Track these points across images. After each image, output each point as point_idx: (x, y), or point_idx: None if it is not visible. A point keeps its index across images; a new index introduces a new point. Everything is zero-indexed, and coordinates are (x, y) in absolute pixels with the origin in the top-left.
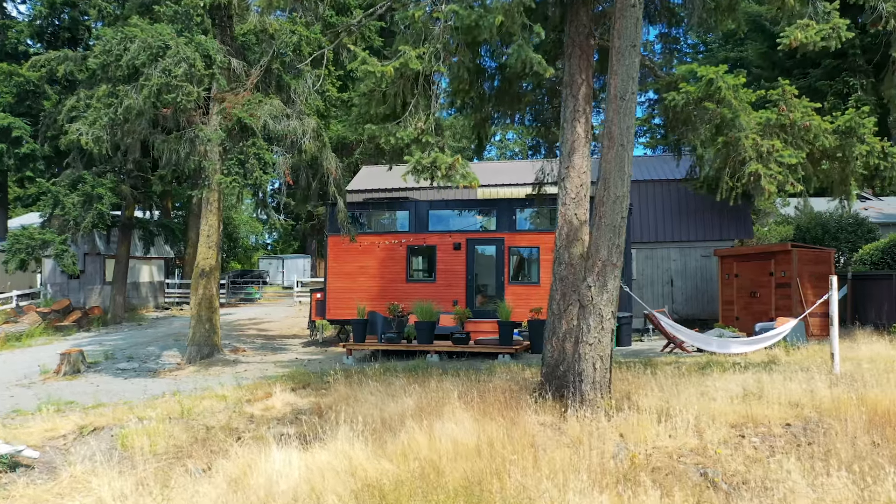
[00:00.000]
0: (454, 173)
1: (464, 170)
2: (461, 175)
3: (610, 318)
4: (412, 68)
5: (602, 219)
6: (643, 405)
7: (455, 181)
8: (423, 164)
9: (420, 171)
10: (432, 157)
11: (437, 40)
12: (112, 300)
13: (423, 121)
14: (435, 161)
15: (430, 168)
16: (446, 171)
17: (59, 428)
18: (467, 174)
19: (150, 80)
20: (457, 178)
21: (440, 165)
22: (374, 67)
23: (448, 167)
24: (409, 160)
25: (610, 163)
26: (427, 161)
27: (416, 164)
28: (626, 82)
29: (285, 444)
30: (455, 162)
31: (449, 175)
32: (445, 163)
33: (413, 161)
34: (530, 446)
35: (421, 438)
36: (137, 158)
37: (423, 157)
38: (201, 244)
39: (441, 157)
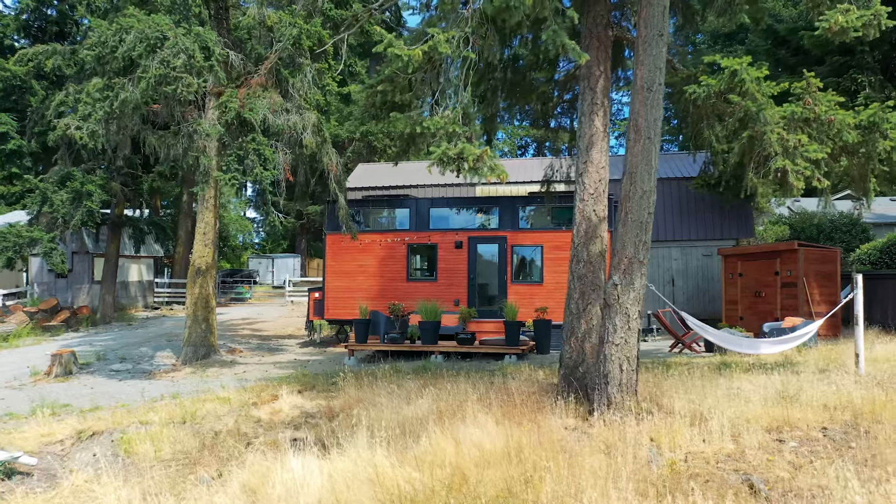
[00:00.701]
0: (482, 165)
1: (492, 161)
2: (489, 167)
3: (637, 317)
4: (441, 52)
5: (628, 214)
6: (672, 408)
7: (482, 174)
8: (450, 155)
9: (446, 162)
10: (459, 148)
11: (467, 24)
12: (101, 300)
13: (450, 109)
14: (462, 152)
15: (456, 159)
16: (474, 162)
17: (56, 432)
18: (495, 166)
19: (148, 72)
20: (484, 170)
21: (468, 156)
22: (400, 51)
23: (476, 158)
24: (434, 150)
25: (636, 156)
26: (454, 152)
27: (441, 154)
28: (652, 73)
29: (300, 450)
30: (484, 153)
31: (476, 167)
32: (473, 154)
33: (439, 152)
34: (559, 451)
35: (445, 444)
36: (128, 155)
37: (450, 148)
38: (197, 242)
39: (468, 147)
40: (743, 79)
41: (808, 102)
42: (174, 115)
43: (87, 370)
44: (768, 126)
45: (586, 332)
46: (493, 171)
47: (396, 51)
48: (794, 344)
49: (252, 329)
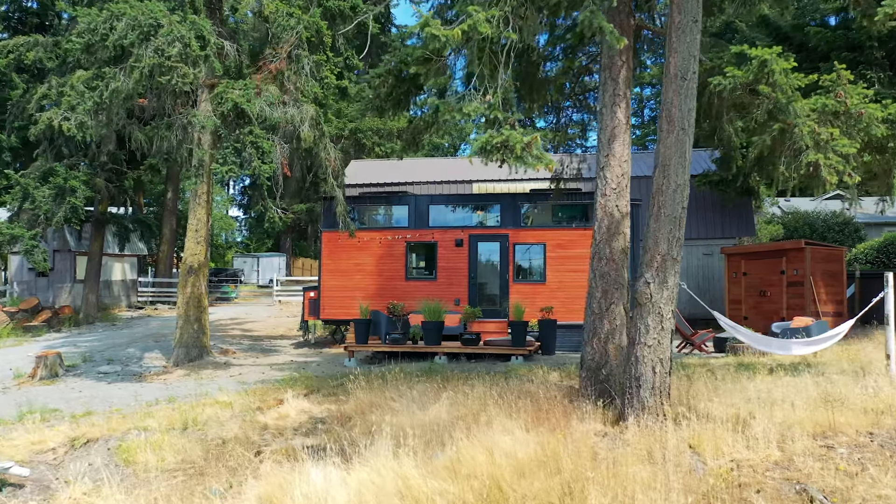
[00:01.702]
0: (527, 154)
1: (538, 150)
2: (536, 156)
3: (670, 317)
4: (481, 32)
5: (661, 209)
6: (708, 412)
7: (529, 164)
8: (494, 144)
9: (489, 151)
10: (504, 136)
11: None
12: (84, 299)
13: (490, 94)
14: (507, 140)
15: (501, 148)
16: (521, 151)
17: (48, 440)
18: (542, 156)
19: (141, 62)
20: (530, 160)
21: (514, 145)
22: (437, 31)
23: (524, 147)
24: (477, 138)
25: (669, 148)
26: (498, 139)
27: (484, 143)
28: (687, 61)
29: (319, 459)
30: (533, 140)
31: (522, 156)
32: (520, 142)
33: (481, 141)
34: (594, 459)
35: (474, 452)
36: (112, 150)
37: (494, 136)
38: (188, 239)
39: (514, 135)
40: (772, 69)
41: (840, 95)
42: (164, 109)
43: (73, 372)
44: (799, 119)
45: (609, 332)
46: (541, 161)
47: (433, 31)
48: (826, 345)
49: (242, 329)
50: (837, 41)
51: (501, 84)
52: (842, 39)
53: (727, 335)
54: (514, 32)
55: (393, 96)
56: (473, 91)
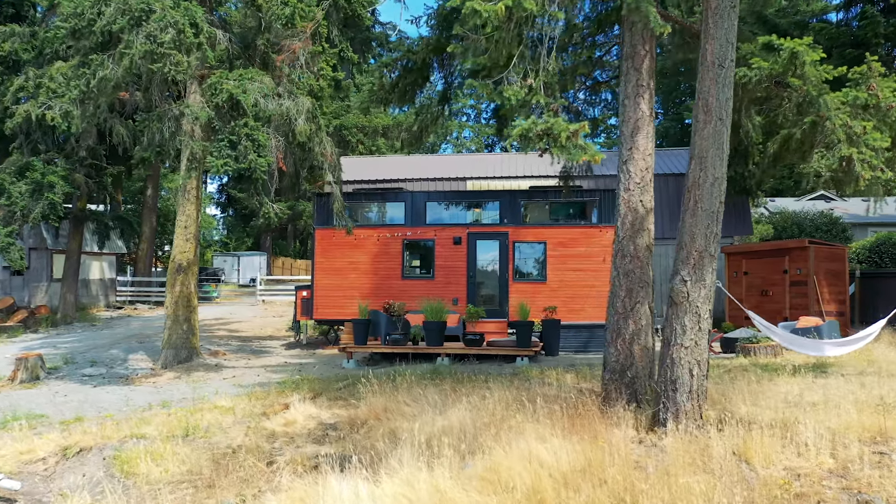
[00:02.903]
0: (571, 144)
1: (583, 141)
2: (580, 147)
3: (707, 316)
4: (526, 8)
5: (698, 203)
6: (746, 417)
7: (573, 155)
8: (536, 132)
9: (529, 140)
10: (548, 124)
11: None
12: (62, 299)
13: (532, 77)
14: (551, 128)
15: (543, 137)
16: (566, 140)
17: (37, 449)
18: (587, 147)
19: (132, 48)
20: (575, 150)
21: (559, 133)
22: (479, 6)
23: (569, 136)
24: (517, 125)
25: (706, 139)
26: (541, 127)
27: (524, 131)
28: (724, 48)
29: (338, 469)
30: (580, 129)
31: (566, 146)
32: (566, 130)
33: (522, 128)
34: (635, 468)
35: (509, 462)
36: (92, 145)
37: (536, 123)
38: (177, 236)
39: (559, 123)
40: (803, 61)
41: (872, 88)
42: (151, 101)
43: (55, 375)
44: (831, 111)
45: (635, 333)
46: (585, 152)
47: (475, 5)
48: (859, 345)
49: (228, 330)
50: (841, 38)
51: (544, 67)
52: (846, 36)
53: (736, 335)
54: (560, 11)
55: (399, 87)
56: (513, 74)
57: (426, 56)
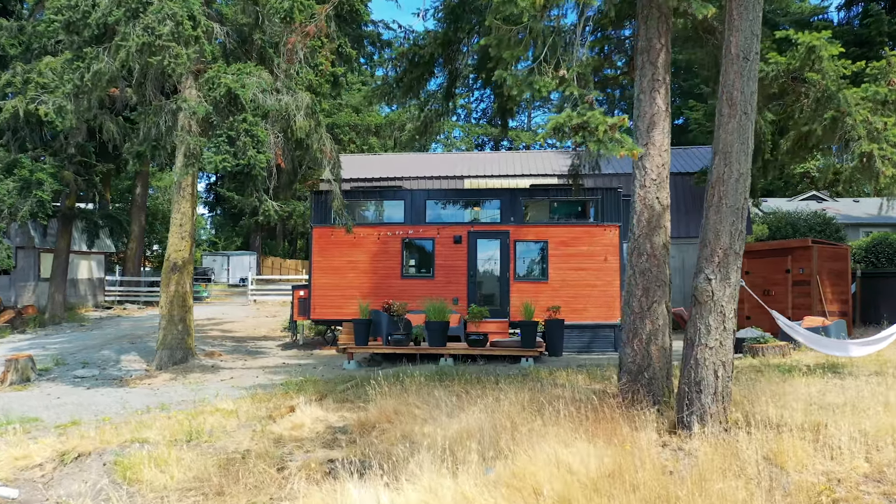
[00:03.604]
0: (608, 138)
1: (620, 135)
2: (617, 141)
3: (732, 316)
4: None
5: (722, 200)
6: (771, 419)
7: (611, 149)
8: (571, 125)
9: (564, 133)
10: (584, 117)
11: None
12: (50, 298)
13: (564, 68)
14: (588, 121)
15: (579, 130)
16: (604, 134)
17: (33, 454)
18: (624, 140)
19: (128, 41)
20: (612, 144)
21: (597, 127)
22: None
23: (607, 129)
24: (552, 118)
25: (731, 134)
26: (577, 120)
27: (559, 124)
28: (749, 40)
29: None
30: (619, 122)
31: (603, 140)
32: (603, 123)
33: (557, 121)
34: (664, 472)
35: (533, 467)
36: (81, 142)
37: (572, 116)
38: (172, 234)
39: (596, 115)
40: (820, 56)
41: (893, 83)
42: (146, 96)
43: (46, 377)
44: (851, 107)
45: (652, 333)
46: (622, 146)
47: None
48: (882, 345)
49: (221, 330)
50: (844, 37)
51: (577, 58)
52: (848, 35)
53: (743, 336)
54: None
55: (404, 81)
56: (544, 65)
57: (434, 50)
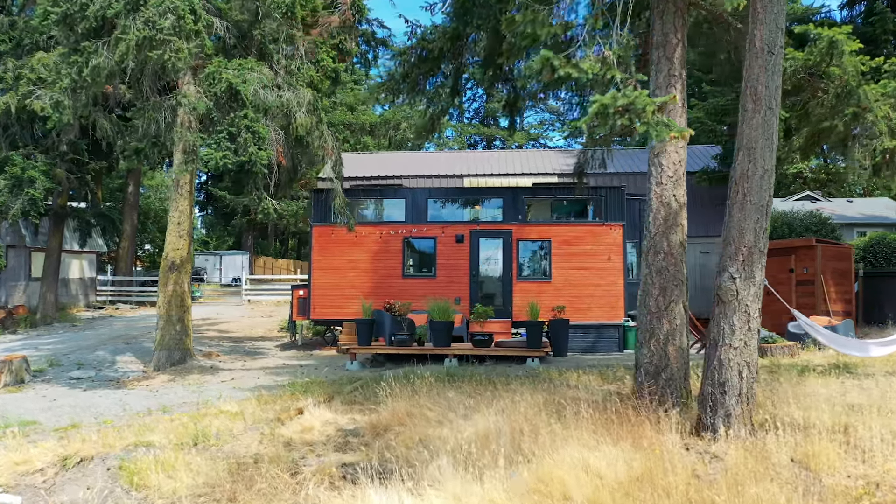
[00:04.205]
0: (655, 121)
1: (667, 118)
2: (665, 124)
3: (757, 315)
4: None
5: (747, 196)
6: (796, 421)
7: (658, 133)
8: (616, 107)
9: (607, 116)
10: (629, 98)
11: None
12: (41, 298)
13: (605, 49)
14: (633, 103)
15: (624, 112)
16: (652, 115)
17: (34, 459)
18: (672, 123)
19: (128, 34)
20: (660, 127)
21: (644, 108)
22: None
23: (655, 111)
24: (594, 100)
25: (755, 129)
26: (622, 102)
27: (602, 107)
28: (774, 33)
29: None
30: (670, 100)
31: (650, 122)
32: (651, 104)
33: (601, 102)
34: (693, 476)
35: (560, 471)
36: (73, 139)
37: (617, 97)
38: (170, 233)
39: (642, 97)
40: (842, 50)
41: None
42: (143, 92)
43: (41, 378)
44: (872, 103)
45: (669, 333)
46: (670, 129)
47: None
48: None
49: (218, 331)
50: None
51: (616, 40)
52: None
53: None
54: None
55: (411, 77)
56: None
57: (443, 45)
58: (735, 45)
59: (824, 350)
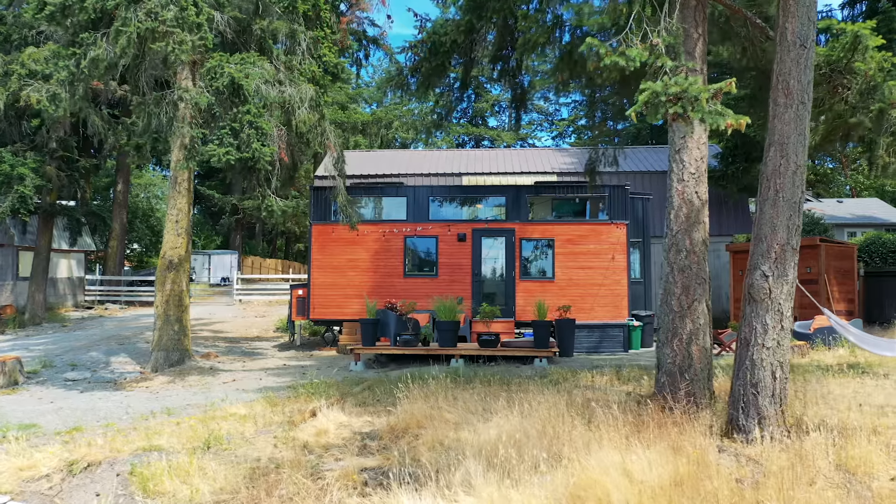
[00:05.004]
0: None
1: (721, 106)
2: (717, 112)
3: (790, 314)
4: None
5: (779, 193)
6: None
7: (714, 121)
8: (669, 94)
9: (656, 105)
10: (682, 86)
11: None
12: (30, 298)
13: (653, 36)
14: (686, 90)
15: (678, 99)
16: (707, 102)
17: (39, 464)
18: (725, 110)
19: (129, 26)
20: (714, 115)
21: (699, 95)
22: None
23: (710, 98)
24: (645, 88)
25: (788, 124)
26: (674, 90)
27: (653, 95)
28: (806, 26)
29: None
30: (726, 87)
31: (705, 110)
32: (706, 92)
33: (650, 91)
34: (734, 480)
35: (595, 476)
36: (63, 136)
37: (670, 84)
38: (168, 231)
39: (697, 83)
40: (866, 45)
41: None
42: (139, 88)
43: (35, 380)
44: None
45: (693, 332)
46: (724, 117)
47: None
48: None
49: (212, 331)
50: None
51: (664, 27)
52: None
53: None
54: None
55: (422, 71)
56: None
57: (456, 38)
58: (752, 40)
59: (833, 349)
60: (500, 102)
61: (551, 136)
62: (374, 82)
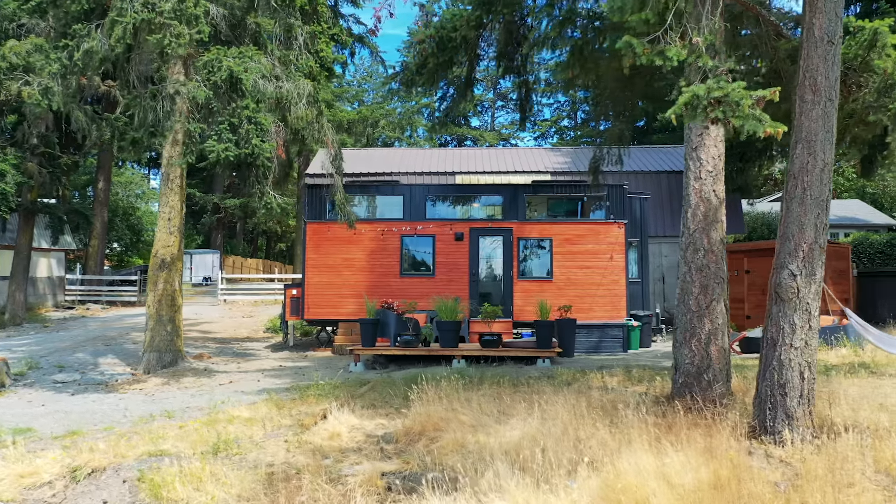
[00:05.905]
0: (748, 114)
1: (760, 112)
2: (757, 118)
3: (817, 314)
4: None
5: (806, 191)
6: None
7: (752, 127)
8: (710, 99)
9: (696, 109)
10: (724, 90)
11: None
12: (10, 298)
13: (694, 35)
14: (728, 95)
15: (719, 104)
16: (749, 108)
17: (40, 471)
18: (764, 117)
19: (125, 17)
20: (754, 122)
21: (740, 101)
22: None
23: (753, 104)
24: (685, 91)
25: (815, 121)
26: (715, 94)
27: (693, 98)
28: (833, 22)
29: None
30: (769, 95)
31: (746, 116)
32: (748, 98)
33: (690, 93)
34: (769, 484)
35: (628, 479)
36: (44, 132)
37: (714, 88)
38: (160, 229)
39: (739, 88)
40: (885, 43)
41: None
42: (129, 83)
43: (22, 382)
44: None
45: (711, 332)
46: (762, 124)
47: None
48: None
49: (200, 331)
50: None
51: (706, 25)
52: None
53: (758, 335)
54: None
55: (429, 66)
56: (666, 34)
57: (466, 33)
58: (766, 39)
59: (836, 349)
60: (482, 102)
61: (533, 136)
62: (355, 81)
